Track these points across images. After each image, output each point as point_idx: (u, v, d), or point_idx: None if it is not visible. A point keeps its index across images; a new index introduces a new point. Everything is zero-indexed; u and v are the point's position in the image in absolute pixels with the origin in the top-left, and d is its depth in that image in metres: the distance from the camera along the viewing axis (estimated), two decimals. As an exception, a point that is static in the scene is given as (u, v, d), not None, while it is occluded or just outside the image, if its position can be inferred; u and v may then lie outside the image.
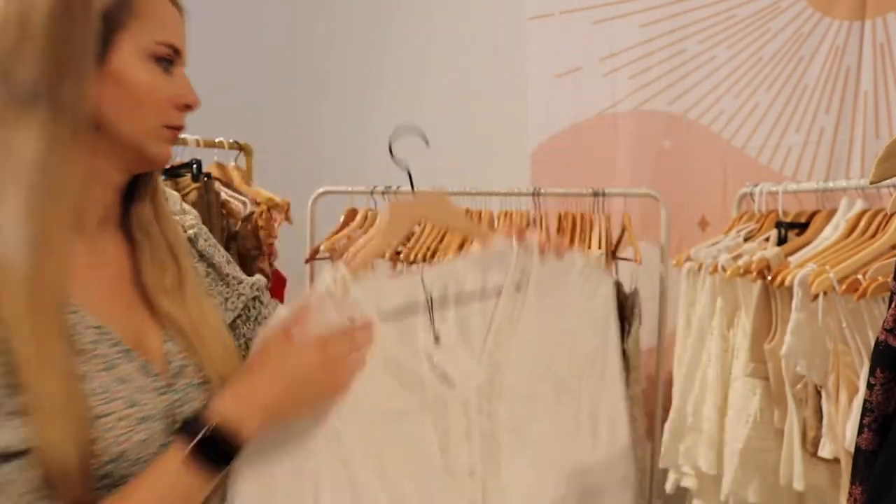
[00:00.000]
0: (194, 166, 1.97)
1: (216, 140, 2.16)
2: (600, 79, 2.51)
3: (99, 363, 0.73)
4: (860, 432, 1.08)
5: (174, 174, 1.96)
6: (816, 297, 1.44)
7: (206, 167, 2.04)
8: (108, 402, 0.72)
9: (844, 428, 1.37)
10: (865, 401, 1.08)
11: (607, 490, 0.98)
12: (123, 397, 0.74)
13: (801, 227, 1.83)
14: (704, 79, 2.38)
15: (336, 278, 0.87)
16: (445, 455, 0.90)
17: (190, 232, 0.94)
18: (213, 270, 0.96)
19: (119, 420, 0.72)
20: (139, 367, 0.77)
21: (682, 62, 2.40)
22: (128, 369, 0.76)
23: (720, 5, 2.33)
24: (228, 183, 2.14)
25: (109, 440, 0.71)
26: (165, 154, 0.82)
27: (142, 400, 0.75)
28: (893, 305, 1.06)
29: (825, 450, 1.46)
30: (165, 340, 0.82)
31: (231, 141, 2.22)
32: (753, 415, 1.65)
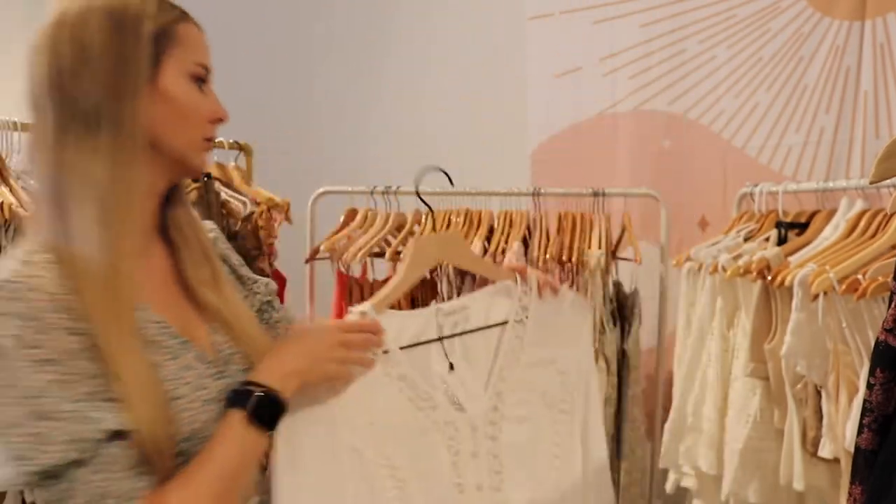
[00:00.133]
0: (194, 166, 1.96)
1: (216, 140, 2.15)
2: (600, 79, 2.51)
3: (165, 353, 0.83)
4: (860, 432, 1.08)
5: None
6: (816, 297, 1.44)
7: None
8: (179, 388, 0.82)
9: (844, 428, 1.37)
10: (865, 401, 1.08)
11: (591, 499, 1.15)
12: (190, 383, 0.84)
13: (801, 227, 1.83)
14: (704, 79, 2.38)
15: (361, 311, 0.98)
16: (455, 471, 1.01)
17: (210, 235, 1.02)
18: (232, 272, 1.05)
19: (190, 402, 0.83)
20: (196, 357, 0.87)
21: (682, 62, 2.40)
22: (188, 359, 0.85)
23: (720, 5, 2.33)
24: (228, 183, 2.14)
25: (184, 420, 0.81)
26: (204, 164, 0.92)
27: (204, 384, 0.85)
28: (893, 305, 1.06)
29: (825, 450, 1.47)
30: (211, 332, 0.91)
31: (231, 141, 2.21)
32: (753, 415, 1.65)
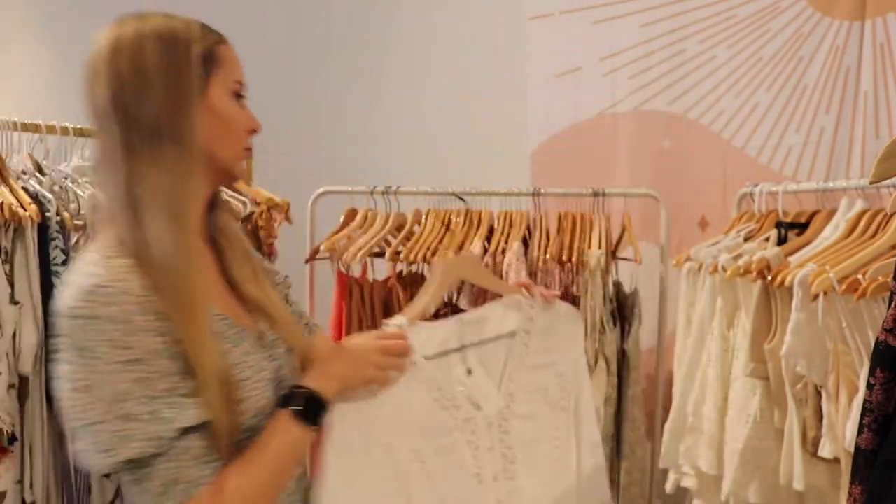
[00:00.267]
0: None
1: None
2: (600, 79, 2.51)
3: (228, 342, 0.93)
4: (860, 432, 1.08)
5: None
6: (816, 297, 1.44)
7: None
8: (244, 371, 0.93)
9: (844, 428, 1.37)
10: (865, 401, 1.08)
11: (588, 489, 1.29)
12: (253, 366, 0.95)
13: (801, 227, 1.83)
14: (704, 79, 2.38)
15: (397, 324, 1.12)
16: (475, 463, 1.15)
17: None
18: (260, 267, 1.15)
19: (255, 383, 0.94)
20: (251, 343, 0.97)
21: (682, 62, 2.41)
22: (247, 346, 0.96)
23: (720, 5, 2.34)
24: (228, 183, 2.14)
25: (253, 399, 0.93)
26: (244, 171, 1.02)
27: (263, 367, 0.96)
28: (893, 305, 1.06)
29: (825, 450, 1.46)
30: (256, 322, 1.01)
31: (231, 141, 2.21)
32: (753, 415, 1.65)
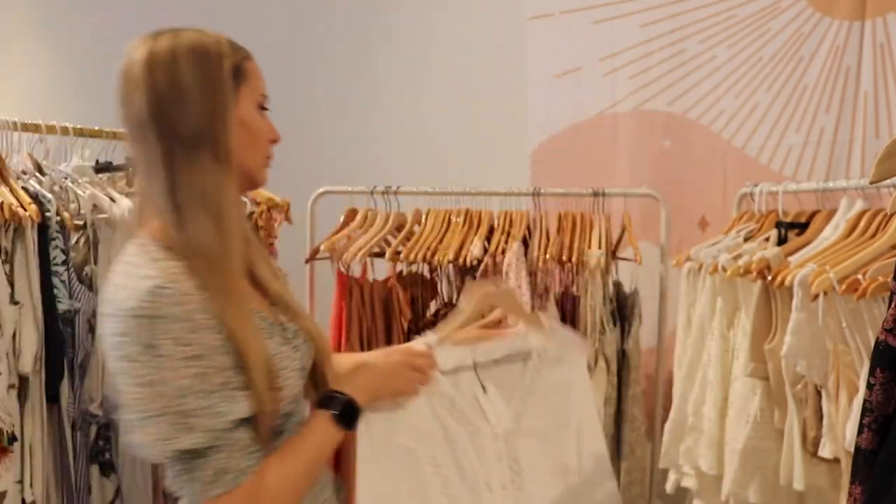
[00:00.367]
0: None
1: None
2: (600, 79, 2.51)
3: (265, 335, 0.99)
4: (860, 432, 1.08)
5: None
6: (816, 297, 1.44)
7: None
8: (282, 360, 1.00)
9: (844, 428, 1.37)
10: (865, 401, 1.08)
11: (593, 498, 1.37)
12: (287, 356, 1.02)
13: (801, 227, 1.83)
14: (704, 79, 2.38)
15: (427, 343, 1.22)
16: (485, 472, 1.23)
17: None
18: None
19: (290, 372, 1.01)
20: (280, 335, 1.03)
21: (682, 62, 2.41)
22: (279, 338, 1.02)
23: (720, 5, 2.34)
24: (228, 183, 2.14)
25: (288, 387, 1.00)
26: (265, 179, 1.08)
27: (293, 356, 1.03)
28: (893, 305, 1.06)
29: (825, 450, 1.46)
30: (277, 314, 1.07)
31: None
32: (753, 415, 1.65)
